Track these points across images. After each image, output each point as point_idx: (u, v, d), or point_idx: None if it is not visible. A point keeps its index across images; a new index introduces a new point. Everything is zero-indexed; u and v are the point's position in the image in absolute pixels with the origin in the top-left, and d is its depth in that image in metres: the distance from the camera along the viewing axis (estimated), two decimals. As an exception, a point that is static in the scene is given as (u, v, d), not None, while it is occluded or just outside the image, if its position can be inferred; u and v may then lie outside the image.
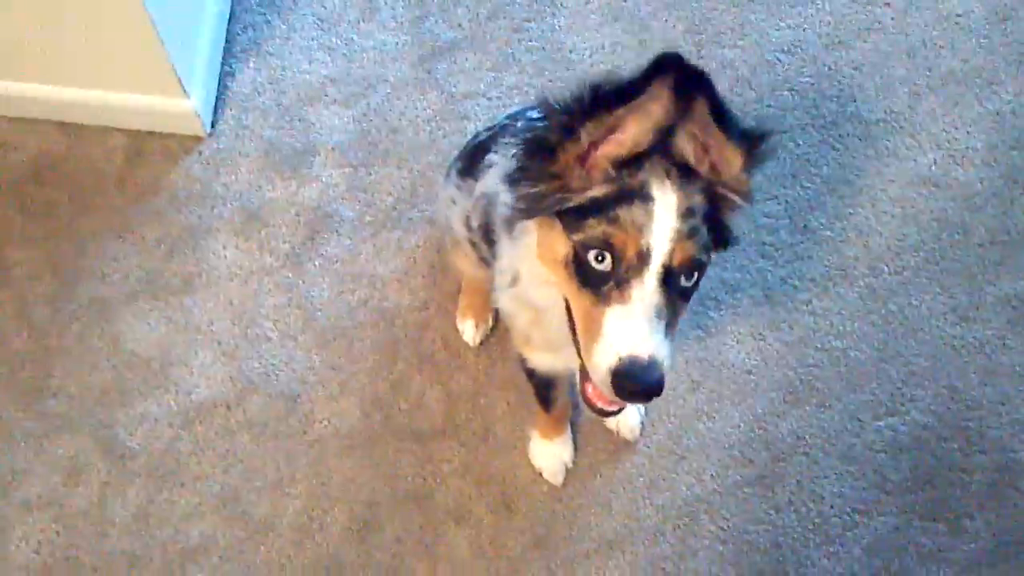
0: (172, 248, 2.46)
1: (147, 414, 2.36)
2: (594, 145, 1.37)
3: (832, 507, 2.31)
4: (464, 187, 1.96)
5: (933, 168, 2.56)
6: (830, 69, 2.64)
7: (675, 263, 1.35)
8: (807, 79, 2.63)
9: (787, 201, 2.52)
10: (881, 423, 2.36)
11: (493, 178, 1.74)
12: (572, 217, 1.39)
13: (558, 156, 1.38)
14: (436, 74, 2.61)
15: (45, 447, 2.33)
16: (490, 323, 2.40)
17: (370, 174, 2.53)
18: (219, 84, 2.58)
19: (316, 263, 2.46)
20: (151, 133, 2.54)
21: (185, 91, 2.41)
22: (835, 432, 2.35)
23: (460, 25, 2.66)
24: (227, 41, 2.62)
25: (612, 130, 1.35)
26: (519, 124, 1.84)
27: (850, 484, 2.32)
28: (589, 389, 1.49)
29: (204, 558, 2.27)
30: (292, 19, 2.65)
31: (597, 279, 1.37)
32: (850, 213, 2.51)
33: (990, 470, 2.33)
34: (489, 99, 2.59)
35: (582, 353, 1.42)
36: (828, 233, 2.50)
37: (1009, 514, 2.29)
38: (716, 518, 2.29)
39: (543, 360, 1.81)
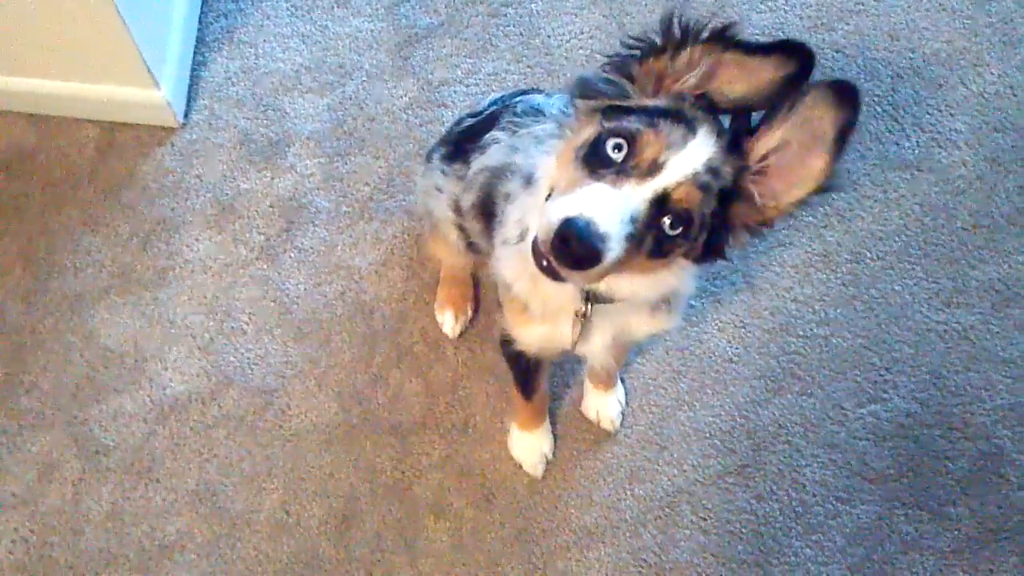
0: (145, 241, 2.44)
1: (121, 410, 2.34)
2: (668, 69, 1.38)
3: (814, 496, 2.29)
4: (450, 172, 1.95)
5: (916, 151, 2.53)
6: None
7: (674, 197, 1.33)
8: None
9: None
10: (864, 410, 2.34)
11: (499, 153, 1.74)
12: (615, 113, 1.39)
13: (648, 60, 1.39)
14: (412, 61, 2.59)
15: (19, 444, 2.31)
16: (469, 314, 2.39)
17: (346, 164, 2.50)
18: (191, 74, 2.56)
19: (292, 255, 2.44)
20: (123, 124, 2.52)
21: (156, 82, 2.39)
22: (817, 420, 2.33)
23: (436, 11, 2.63)
24: (199, 30, 2.59)
25: (714, 67, 1.35)
26: (519, 107, 1.84)
27: (832, 472, 2.30)
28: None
29: (180, 555, 2.25)
30: (265, 6, 2.62)
31: (602, 163, 1.35)
32: (832, 198, 2.47)
33: (973, 457, 2.31)
34: (466, 86, 2.57)
35: (546, 206, 1.37)
36: (810, 219, 2.47)
37: (992, 501, 2.28)
38: (698, 508, 2.27)
39: (535, 335, 1.75)
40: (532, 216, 1.53)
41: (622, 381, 2.32)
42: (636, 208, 1.32)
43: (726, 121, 1.39)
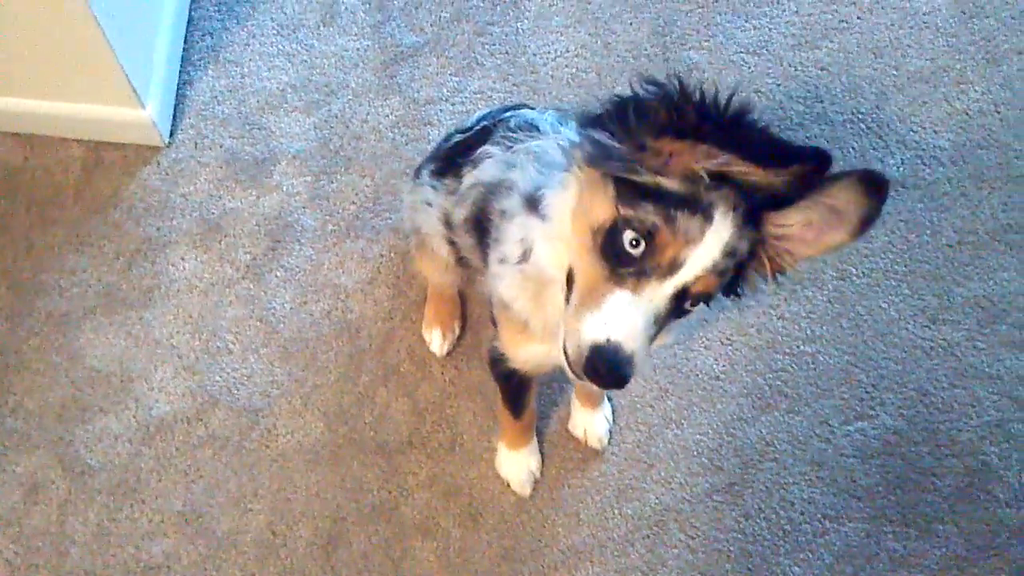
0: (131, 261, 2.43)
1: (107, 430, 2.32)
2: (703, 157, 1.31)
3: (802, 513, 2.29)
4: (441, 186, 1.94)
5: (901, 168, 2.54)
6: (796, 70, 2.63)
7: (693, 288, 1.34)
8: (773, 80, 2.62)
9: None
10: (851, 427, 2.34)
11: (494, 168, 1.73)
12: (628, 190, 1.35)
13: (661, 137, 1.31)
14: (398, 79, 2.59)
15: (3, 465, 2.29)
16: (457, 332, 2.39)
17: (332, 182, 2.50)
18: (177, 93, 2.56)
19: (277, 274, 2.43)
20: (109, 144, 2.51)
21: (141, 101, 2.38)
22: (804, 437, 2.33)
23: (422, 29, 2.63)
24: (184, 49, 2.59)
25: (725, 161, 1.29)
26: (512, 122, 1.82)
27: (820, 490, 2.30)
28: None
29: (167, 576, 2.23)
30: (251, 25, 2.62)
31: (620, 259, 1.34)
32: None
33: (961, 474, 2.32)
34: (452, 104, 2.57)
35: (567, 317, 1.39)
36: None
37: (980, 518, 2.28)
38: (685, 526, 2.27)
39: (532, 353, 1.75)
40: (537, 241, 1.52)
41: (609, 399, 2.32)
42: (659, 311, 1.34)
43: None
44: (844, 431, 2.34)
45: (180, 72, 2.57)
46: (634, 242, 1.33)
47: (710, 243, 1.31)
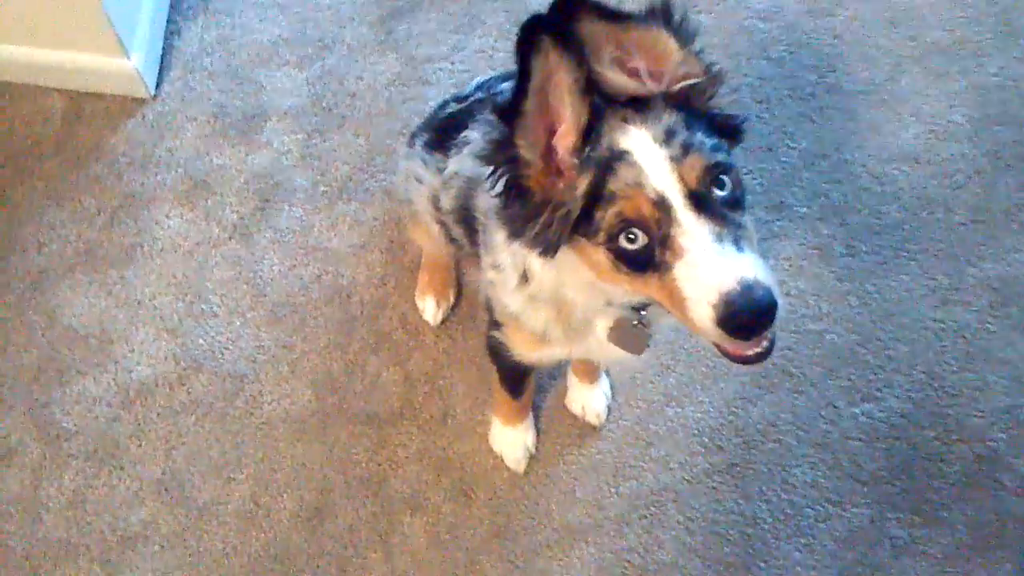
0: (112, 217, 2.38)
1: (85, 393, 2.27)
2: (546, 152, 1.28)
3: (804, 497, 2.22)
4: (431, 162, 1.87)
5: (915, 143, 2.47)
6: (809, 37, 2.56)
7: (693, 184, 1.24)
8: (785, 48, 2.55)
9: (762, 176, 2.43)
10: (857, 410, 2.28)
11: (473, 161, 1.63)
12: (585, 226, 1.30)
13: (527, 186, 1.29)
14: (396, 35, 2.52)
15: (-25, 428, 2.23)
16: (451, 300, 2.33)
17: (325, 141, 2.44)
18: (164, 43, 2.52)
19: (266, 235, 2.37)
20: (91, 94, 2.48)
21: (125, 50, 2.34)
22: (809, 419, 2.27)
23: (422, -17, 2.55)
24: (173, -4, 2.52)
25: (546, 127, 1.27)
26: (498, 98, 1.72)
27: (823, 473, 2.24)
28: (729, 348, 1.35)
29: (144, 546, 2.17)
30: (243, -27, 2.55)
31: (646, 257, 1.27)
32: (828, 189, 2.42)
33: (968, 460, 2.25)
34: (452, 63, 2.50)
35: (691, 327, 1.29)
36: (804, 210, 2.41)
37: (987, 506, 2.21)
38: (684, 508, 2.20)
39: (547, 355, 1.72)
40: (535, 267, 1.49)
41: (607, 374, 2.25)
42: (710, 232, 1.23)
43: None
44: (850, 413, 2.27)
45: (168, 21, 2.52)
46: (630, 238, 1.26)
47: (647, 160, 1.25)
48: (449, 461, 2.23)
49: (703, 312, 1.22)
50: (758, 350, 1.29)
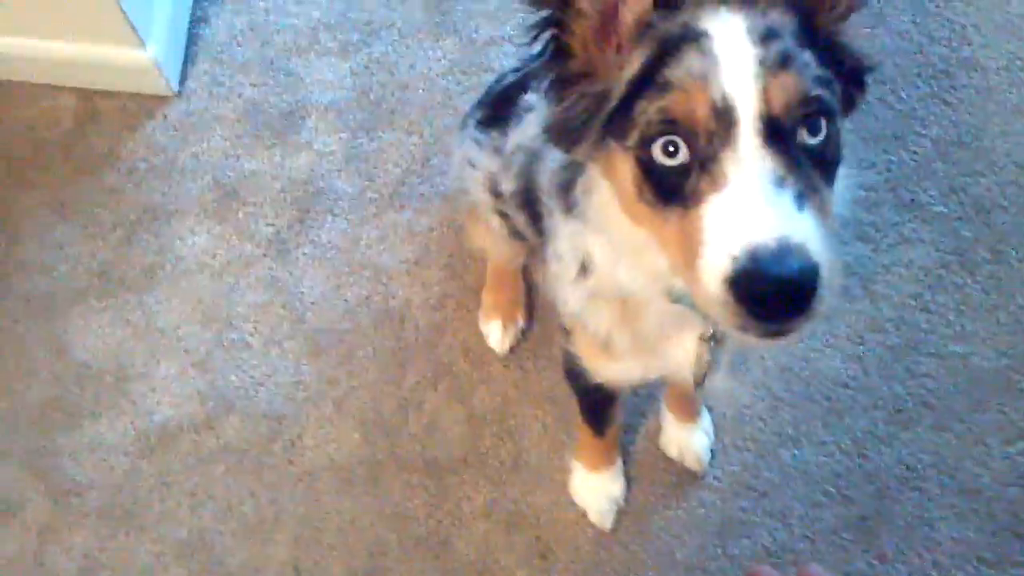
0: (130, 233, 2.29)
1: (98, 440, 2.14)
2: (609, 8, 1.09)
3: (952, 557, 2.00)
4: (486, 142, 1.74)
5: (1070, 127, 2.28)
6: (938, 6, 2.40)
7: (777, 108, 1.01)
8: (909, 18, 2.38)
9: (889, 170, 2.25)
10: (1012, 449, 2.06)
11: (536, 126, 1.46)
12: (620, 124, 1.10)
13: (571, 46, 1.12)
14: (453, 16, 2.42)
15: (-30, 480, 2.12)
16: (521, 324, 2.17)
17: (372, 140, 2.33)
18: (188, 32, 2.42)
19: (306, 251, 2.26)
20: (104, 92, 2.38)
21: (141, 39, 2.24)
22: (955, 460, 2.07)
23: (482, -45, 2.44)
24: (197, -22, 2.44)
25: None
26: None
27: (975, 527, 2.02)
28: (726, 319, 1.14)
29: (167, 621, 2.03)
30: (277, -49, 2.46)
31: (678, 182, 1.05)
32: (967, 184, 2.23)
33: None
34: (516, 46, 2.37)
35: (691, 287, 1.08)
36: (940, 208, 2.22)
37: None
38: (806, 571, 1.94)
39: (621, 371, 1.52)
40: (590, 244, 1.33)
41: (709, 410, 2.06)
42: (769, 170, 0.99)
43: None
44: (1003, 453, 2.06)
45: (192, 7, 2.44)
46: (668, 148, 1.05)
47: (728, 51, 1.02)
48: (522, 516, 2.08)
49: (717, 263, 0.99)
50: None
